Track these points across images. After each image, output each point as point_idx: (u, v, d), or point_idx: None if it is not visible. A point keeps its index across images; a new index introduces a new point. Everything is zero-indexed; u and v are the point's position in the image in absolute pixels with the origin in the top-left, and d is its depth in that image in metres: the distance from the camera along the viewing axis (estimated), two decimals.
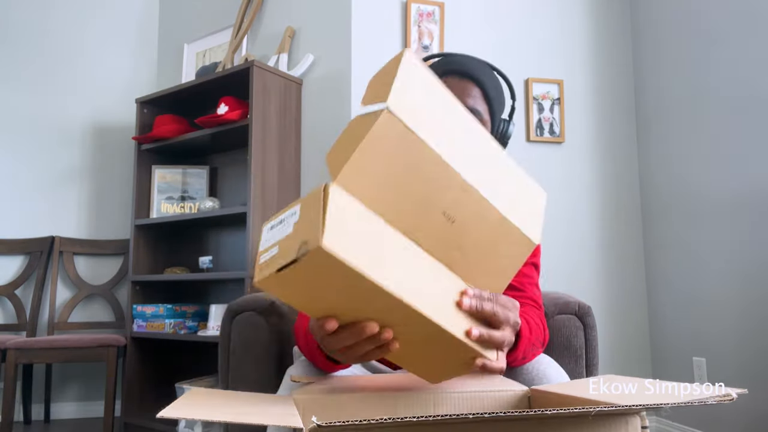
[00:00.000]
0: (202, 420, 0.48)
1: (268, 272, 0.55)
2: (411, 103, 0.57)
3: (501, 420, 0.48)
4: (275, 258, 0.55)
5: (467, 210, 0.63)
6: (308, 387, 0.70)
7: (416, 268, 0.61)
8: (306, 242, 0.52)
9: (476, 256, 0.67)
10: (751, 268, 2.02)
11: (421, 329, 0.61)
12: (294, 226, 0.56)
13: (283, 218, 0.58)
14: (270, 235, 0.59)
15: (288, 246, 0.54)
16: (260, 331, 1.35)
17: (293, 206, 0.58)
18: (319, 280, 0.55)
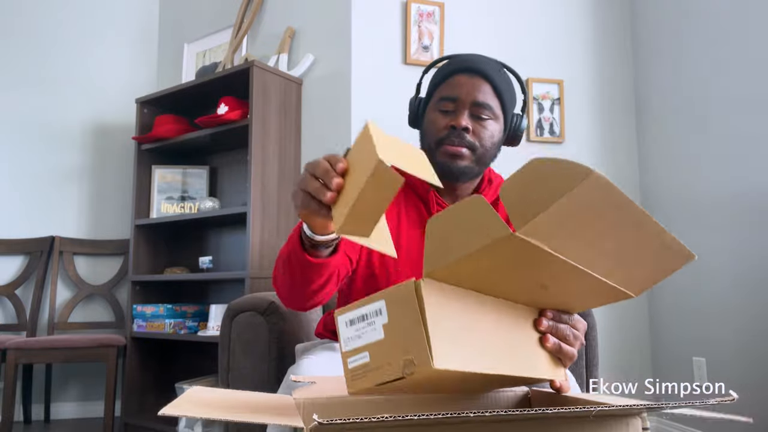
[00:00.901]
0: (203, 419, 0.48)
1: (366, 385, 0.53)
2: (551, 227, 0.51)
3: (502, 420, 0.48)
4: (370, 368, 0.53)
5: (568, 282, 0.62)
6: (309, 387, 0.70)
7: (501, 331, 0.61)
8: (411, 362, 0.50)
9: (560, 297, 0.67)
10: (752, 268, 2.02)
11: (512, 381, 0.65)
12: (384, 330, 0.52)
13: (364, 314, 0.54)
14: (352, 333, 0.55)
15: (384, 357, 0.52)
16: (260, 331, 1.35)
17: (375, 302, 0.54)
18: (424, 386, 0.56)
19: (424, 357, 0.49)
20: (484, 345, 0.58)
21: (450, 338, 0.52)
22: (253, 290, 2.19)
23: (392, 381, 0.51)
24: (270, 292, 1.48)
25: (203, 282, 2.78)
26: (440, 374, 0.51)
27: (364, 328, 0.54)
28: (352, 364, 0.54)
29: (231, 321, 1.39)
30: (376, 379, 0.52)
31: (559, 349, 0.69)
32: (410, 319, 0.51)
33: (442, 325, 0.52)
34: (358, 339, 0.55)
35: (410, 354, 0.50)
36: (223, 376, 1.38)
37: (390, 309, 0.53)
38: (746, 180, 2.05)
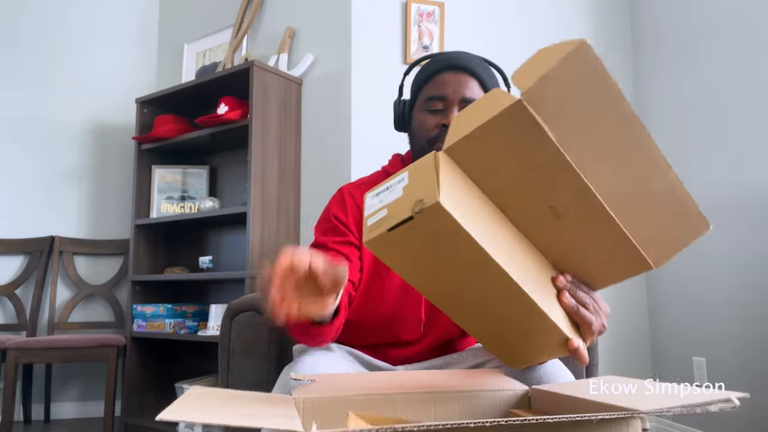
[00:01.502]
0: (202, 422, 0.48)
1: (379, 231, 0.56)
2: (555, 97, 0.54)
3: (502, 427, 0.48)
4: (385, 219, 0.56)
5: (580, 212, 0.62)
6: (309, 387, 0.70)
7: (516, 247, 0.63)
8: (421, 200, 0.53)
9: (579, 253, 0.66)
10: (752, 267, 2.02)
11: (515, 306, 0.63)
12: (404, 190, 0.57)
13: (389, 185, 0.60)
14: (375, 201, 0.60)
15: (399, 207, 0.56)
16: (260, 331, 1.35)
17: (400, 174, 0.60)
18: (427, 242, 0.56)
19: (432, 194, 0.53)
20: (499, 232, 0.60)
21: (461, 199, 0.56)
22: (253, 290, 2.19)
23: (403, 222, 0.54)
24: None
25: (203, 282, 2.78)
26: (444, 224, 0.53)
27: (386, 194, 0.59)
28: (370, 222, 0.58)
29: (231, 321, 1.39)
30: (390, 223, 0.55)
31: (576, 312, 0.66)
32: (426, 174, 0.56)
33: (454, 185, 0.56)
34: (379, 203, 0.59)
35: (421, 195, 0.54)
36: (223, 376, 1.38)
37: (411, 174, 0.58)
38: (746, 180, 2.05)
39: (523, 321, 0.65)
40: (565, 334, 0.66)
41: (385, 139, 2.33)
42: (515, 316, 0.65)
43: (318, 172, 2.42)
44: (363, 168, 2.29)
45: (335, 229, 1.08)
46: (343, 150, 2.32)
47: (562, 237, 0.65)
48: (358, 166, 2.27)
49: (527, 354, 0.72)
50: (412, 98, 1.12)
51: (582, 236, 0.65)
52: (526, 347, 0.71)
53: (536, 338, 0.69)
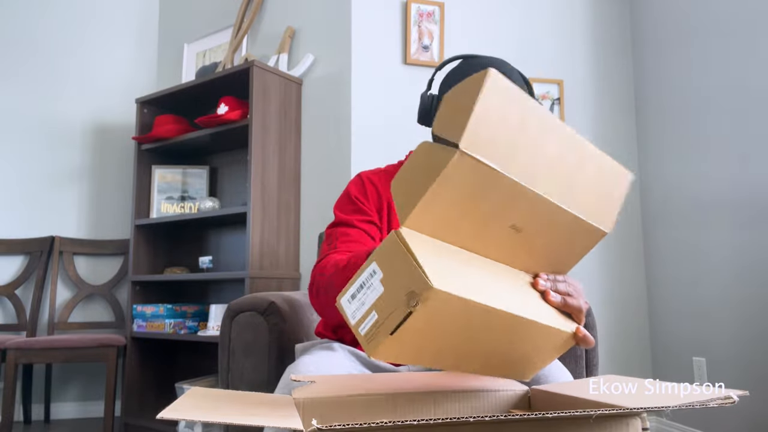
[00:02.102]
0: (202, 421, 0.48)
1: (382, 338, 0.54)
2: (486, 134, 0.55)
3: (501, 422, 0.48)
4: (380, 323, 0.54)
5: (537, 219, 0.65)
6: (309, 387, 0.70)
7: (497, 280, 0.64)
8: (412, 292, 0.51)
9: (543, 252, 0.70)
10: (752, 268, 2.02)
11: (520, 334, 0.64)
12: (383, 283, 0.55)
13: (361, 282, 0.57)
14: (356, 305, 0.57)
15: (390, 305, 0.53)
16: (260, 331, 1.35)
17: (365, 268, 0.57)
18: (432, 325, 0.55)
19: (422, 282, 0.51)
20: (483, 282, 0.60)
21: (444, 269, 0.55)
22: (253, 290, 2.19)
23: (402, 321, 0.52)
24: (270, 292, 1.48)
25: (203, 282, 2.78)
26: (444, 304, 0.52)
27: (364, 293, 0.56)
28: (364, 330, 0.55)
29: (231, 321, 1.39)
30: (388, 328, 0.53)
31: (564, 303, 0.70)
32: (401, 261, 0.53)
33: (432, 260, 0.55)
34: (362, 306, 0.56)
35: (410, 287, 0.52)
36: (223, 376, 1.38)
37: (381, 264, 0.55)
38: (746, 179, 2.05)
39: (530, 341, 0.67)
40: (566, 332, 0.69)
41: (386, 139, 2.33)
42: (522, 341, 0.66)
43: (318, 172, 2.42)
44: (363, 168, 2.29)
45: (358, 210, 1.11)
46: (343, 150, 2.32)
47: (525, 245, 0.68)
48: (358, 166, 2.27)
49: (537, 364, 0.75)
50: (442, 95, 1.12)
51: (543, 237, 0.68)
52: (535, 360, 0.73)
53: (544, 348, 0.71)
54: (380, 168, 1.22)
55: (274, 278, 2.30)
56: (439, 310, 0.53)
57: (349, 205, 1.12)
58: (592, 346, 0.74)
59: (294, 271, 2.40)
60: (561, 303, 0.70)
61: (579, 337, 0.71)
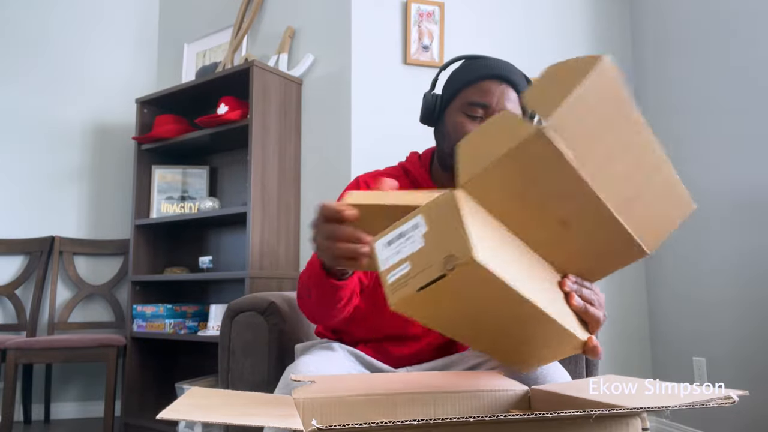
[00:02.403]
0: (202, 421, 0.48)
1: (408, 292, 0.53)
2: (575, 121, 0.53)
3: (502, 422, 0.48)
4: (410, 276, 0.53)
5: (588, 220, 0.62)
6: (309, 387, 0.70)
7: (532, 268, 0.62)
8: (452, 256, 0.51)
9: (581, 255, 0.68)
10: (752, 267, 2.02)
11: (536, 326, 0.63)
12: (424, 238, 0.54)
13: (402, 231, 0.56)
14: (390, 252, 0.56)
15: (425, 261, 0.52)
16: (260, 331, 1.35)
17: (411, 218, 0.56)
18: (460, 293, 0.54)
19: (465, 249, 0.50)
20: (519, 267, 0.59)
21: (488, 243, 0.54)
22: (253, 290, 2.19)
23: (434, 281, 0.51)
24: (270, 292, 1.48)
25: (203, 282, 2.78)
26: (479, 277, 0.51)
27: (402, 243, 0.55)
28: (392, 278, 0.54)
29: (231, 321, 1.39)
30: (418, 283, 0.52)
31: (585, 311, 0.69)
32: (449, 222, 0.52)
33: (479, 230, 0.53)
34: (396, 255, 0.55)
35: (452, 250, 0.51)
36: (223, 376, 1.38)
37: (428, 219, 0.54)
38: (746, 179, 2.05)
39: (543, 336, 0.66)
40: (579, 338, 0.68)
41: (385, 139, 2.33)
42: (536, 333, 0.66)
43: (318, 172, 2.42)
44: (363, 168, 2.29)
45: None
46: (343, 150, 2.32)
47: (567, 243, 0.65)
48: (358, 166, 2.27)
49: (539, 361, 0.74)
50: (448, 97, 1.10)
51: (585, 238, 0.66)
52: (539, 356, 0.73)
53: (553, 347, 0.70)
54: (379, 170, 1.21)
55: (274, 278, 2.30)
56: (471, 281, 0.52)
57: None
58: (599, 359, 0.73)
59: (294, 271, 2.40)
60: (582, 309, 0.69)
61: (589, 347, 0.71)
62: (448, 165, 1.09)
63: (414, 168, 1.16)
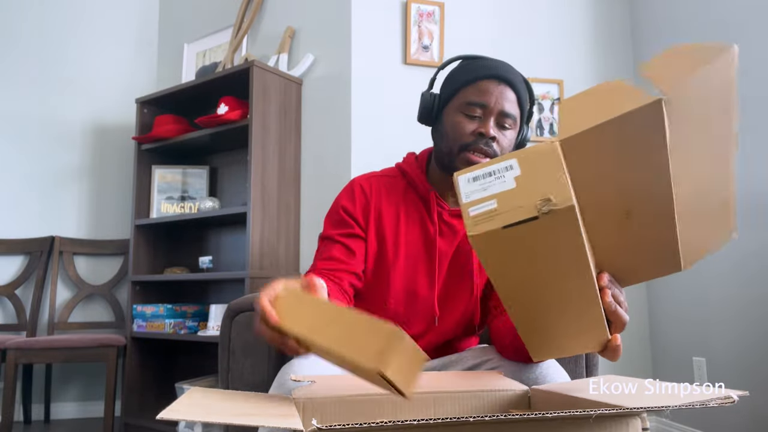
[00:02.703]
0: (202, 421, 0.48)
1: (491, 227, 0.52)
2: (688, 99, 0.52)
3: (501, 422, 0.48)
4: (497, 213, 0.52)
5: (648, 216, 0.61)
6: (309, 387, 0.70)
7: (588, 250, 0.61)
8: (549, 199, 0.50)
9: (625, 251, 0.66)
10: (752, 267, 2.02)
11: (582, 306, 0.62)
12: (516, 181, 0.53)
13: (493, 170, 0.55)
14: (476, 187, 0.55)
15: (516, 201, 0.52)
16: None
17: (505, 160, 0.54)
18: (540, 244, 0.53)
19: (566, 196, 0.49)
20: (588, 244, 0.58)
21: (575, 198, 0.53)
22: (253, 290, 2.19)
23: (524, 221, 0.51)
24: None
25: (203, 282, 2.78)
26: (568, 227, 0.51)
27: (491, 182, 0.54)
28: (474, 212, 0.54)
29: (231, 321, 1.39)
30: (506, 220, 0.51)
31: (614, 311, 0.69)
32: (550, 168, 0.51)
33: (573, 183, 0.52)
34: (483, 191, 0.54)
35: (549, 194, 0.50)
36: (223, 376, 1.38)
37: (524, 164, 0.53)
38: (746, 179, 2.05)
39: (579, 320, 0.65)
40: (605, 334, 0.68)
41: (385, 139, 2.33)
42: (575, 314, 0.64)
43: (318, 172, 2.42)
44: (363, 168, 2.28)
45: (342, 221, 1.11)
46: (343, 150, 2.32)
47: (619, 237, 0.63)
48: (358, 166, 2.27)
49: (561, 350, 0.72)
50: (447, 96, 1.10)
51: (638, 238, 0.64)
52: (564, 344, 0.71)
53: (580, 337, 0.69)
54: (375, 172, 1.21)
55: (274, 278, 2.30)
56: (558, 231, 0.51)
57: (334, 216, 1.13)
58: (616, 360, 0.73)
59: (294, 271, 2.40)
60: (612, 308, 0.68)
61: (612, 346, 0.70)
62: (445, 164, 1.09)
63: (411, 169, 1.16)
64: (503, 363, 0.96)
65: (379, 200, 1.12)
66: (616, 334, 0.70)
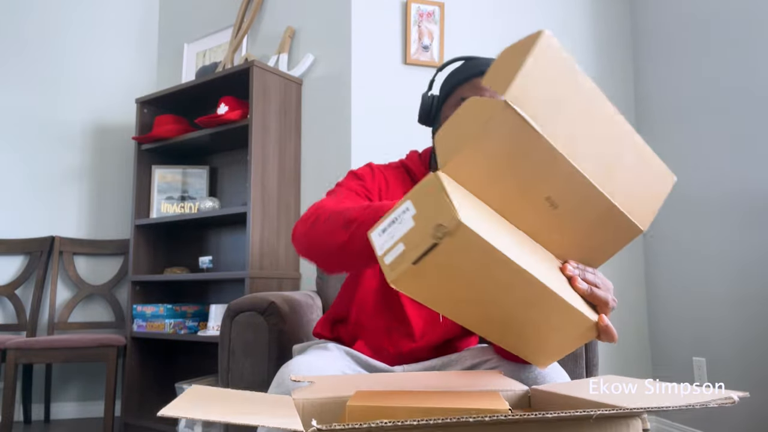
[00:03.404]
0: (202, 420, 0.48)
1: (404, 267, 0.54)
2: (532, 93, 0.56)
3: (502, 423, 0.48)
4: (405, 253, 0.55)
5: (573, 196, 0.64)
6: (308, 388, 0.70)
7: (525, 248, 0.63)
8: (441, 225, 0.52)
9: (576, 237, 0.68)
10: (752, 267, 2.02)
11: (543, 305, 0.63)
12: (414, 219, 0.56)
13: (394, 218, 0.58)
14: (384, 238, 0.58)
15: (417, 237, 0.54)
16: (260, 331, 1.35)
17: (400, 205, 0.58)
18: (453, 266, 0.55)
19: (451, 216, 0.52)
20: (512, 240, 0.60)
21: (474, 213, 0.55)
22: (253, 290, 2.19)
23: (427, 252, 0.53)
24: (270, 292, 1.48)
25: (203, 282, 2.78)
26: (469, 243, 0.53)
27: (395, 228, 0.57)
28: (389, 260, 0.57)
29: (231, 321, 1.39)
30: (413, 257, 0.54)
31: (591, 293, 0.69)
32: (434, 197, 0.54)
33: (464, 202, 0.55)
34: (391, 239, 0.57)
35: (439, 220, 0.53)
36: (223, 376, 1.38)
37: (415, 202, 0.57)
38: (746, 179, 2.05)
39: (551, 318, 0.66)
40: (590, 319, 0.69)
41: (386, 139, 2.34)
42: (543, 315, 0.65)
43: (318, 172, 2.42)
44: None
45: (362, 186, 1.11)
46: (343, 150, 2.32)
47: (560, 225, 0.66)
48: (358, 165, 2.27)
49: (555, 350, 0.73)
50: (443, 95, 1.12)
51: (578, 219, 0.67)
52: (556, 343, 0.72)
53: (565, 331, 0.70)
54: (382, 165, 1.23)
55: (274, 278, 2.30)
56: (462, 249, 0.54)
57: (353, 180, 1.13)
58: (615, 341, 0.72)
59: (294, 271, 2.40)
60: (587, 292, 0.69)
61: (602, 327, 0.70)
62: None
63: (414, 166, 1.18)
64: (502, 363, 0.97)
65: (387, 188, 1.13)
66: (602, 315, 0.70)
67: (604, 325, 0.70)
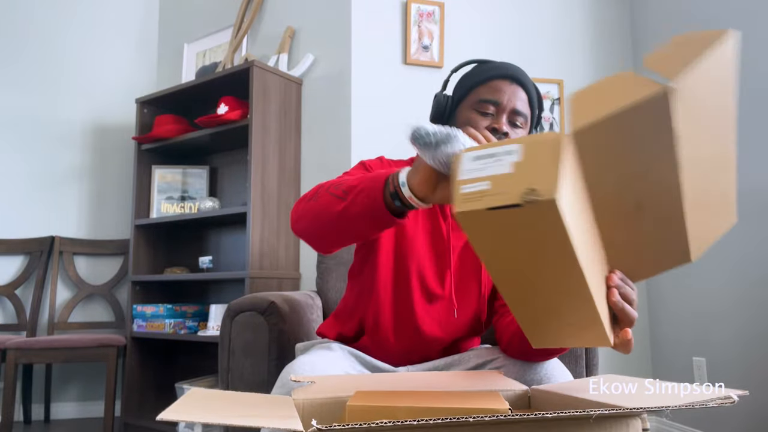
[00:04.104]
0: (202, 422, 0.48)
1: (477, 206, 0.52)
2: (696, 90, 0.52)
3: (502, 422, 0.48)
4: (486, 194, 0.53)
5: (660, 209, 0.61)
6: (309, 388, 0.70)
7: (591, 244, 0.61)
8: (535, 189, 0.50)
9: (637, 246, 0.66)
10: (752, 268, 2.02)
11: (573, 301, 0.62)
12: (513, 165, 0.53)
13: (494, 152, 0.55)
14: (475, 166, 0.55)
15: (506, 186, 0.52)
16: (260, 331, 1.35)
17: (509, 144, 0.55)
18: (519, 230, 0.53)
19: (550, 188, 0.49)
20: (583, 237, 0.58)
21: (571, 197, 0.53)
22: (253, 290, 2.19)
23: (507, 207, 0.51)
24: (270, 292, 1.48)
25: (203, 282, 2.78)
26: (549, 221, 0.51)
27: (490, 163, 0.55)
28: (466, 190, 0.54)
29: (231, 321, 1.39)
30: (492, 202, 0.52)
31: (622, 309, 0.69)
32: (547, 158, 0.51)
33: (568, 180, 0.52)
34: (480, 171, 0.55)
35: (536, 184, 0.50)
36: (223, 376, 1.38)
37: (526, 150, 0.53)
38: (746, 179, 2.05)
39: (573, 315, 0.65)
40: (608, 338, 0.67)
41: (386, 139, 2.33)
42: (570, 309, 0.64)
43: (318, 172, 2.42)
44: None
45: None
46: (343, 150, 2.32)
47: (632, 229, 0.63)
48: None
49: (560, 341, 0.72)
50: (460, 95, 1.12)
51: (650, 230, 0.64)
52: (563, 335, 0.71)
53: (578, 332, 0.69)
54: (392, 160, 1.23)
55: (274, 278, 2.30)
56: (540, 222, 0.52)
57: (360, 170, 1.12)
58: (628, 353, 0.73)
59: (294, 271, 2.40)
60: (619, 307, 0.68)
61: (624, 340, 0.71)
62: None
63: None
64: (508, 363, 0.97)
65: None
66: (627, 330, 0.71)
67: (627, 339, 0.70)
